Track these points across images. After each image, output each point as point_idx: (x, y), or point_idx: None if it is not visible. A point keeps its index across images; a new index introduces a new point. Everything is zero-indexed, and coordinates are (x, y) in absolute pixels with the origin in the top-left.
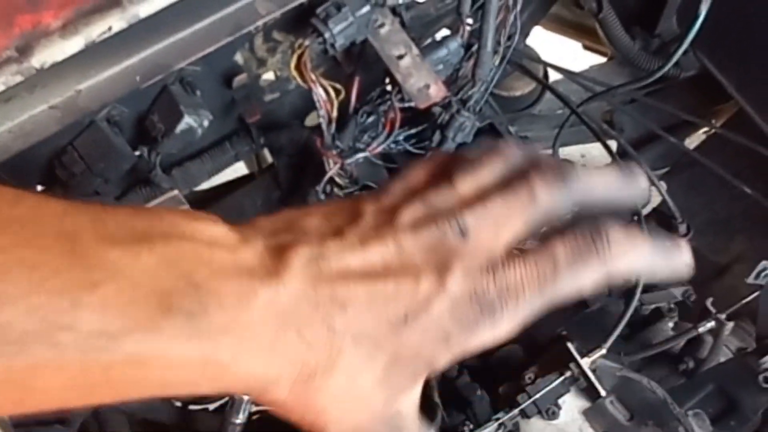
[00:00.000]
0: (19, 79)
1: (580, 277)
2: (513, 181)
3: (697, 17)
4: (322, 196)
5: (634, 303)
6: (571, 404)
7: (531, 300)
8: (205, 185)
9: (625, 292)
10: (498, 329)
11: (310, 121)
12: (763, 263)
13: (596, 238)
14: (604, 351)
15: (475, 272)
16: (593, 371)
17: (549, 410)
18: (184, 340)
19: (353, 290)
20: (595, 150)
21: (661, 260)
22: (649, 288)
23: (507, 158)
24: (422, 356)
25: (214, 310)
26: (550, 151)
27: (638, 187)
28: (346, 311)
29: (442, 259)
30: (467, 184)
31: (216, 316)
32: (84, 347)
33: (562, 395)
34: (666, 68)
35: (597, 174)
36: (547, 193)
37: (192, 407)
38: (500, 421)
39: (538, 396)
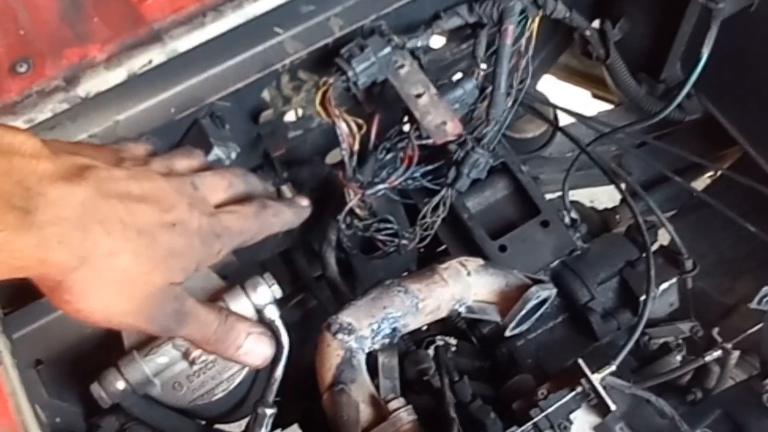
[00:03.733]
0: (65, 107)
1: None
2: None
3: (698, 62)
4: (343, 226)
5: (642, 325)
6: (582, 420)
7: (239, 233)
8: None
9: (632, 327)
10: (222, 248)
11: (331, 158)
12: (766, 288)
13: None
14: (614, 368)
15: (205, 210)
16: (603, 388)
17: (561, 425)
18: (23, 231)
19: (133, 205)
20: (604, 195)
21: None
22: (656, 323)
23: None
24: (186, 254)
25: (44, 208)
26: (559, 193)
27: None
28: (133, 212)
29: (187, 197)
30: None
31: (46, 213)
32: None
33: (573, 410)
34: (668, 111)
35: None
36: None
37: (217, 426)
38: None
39: (550, 410)
